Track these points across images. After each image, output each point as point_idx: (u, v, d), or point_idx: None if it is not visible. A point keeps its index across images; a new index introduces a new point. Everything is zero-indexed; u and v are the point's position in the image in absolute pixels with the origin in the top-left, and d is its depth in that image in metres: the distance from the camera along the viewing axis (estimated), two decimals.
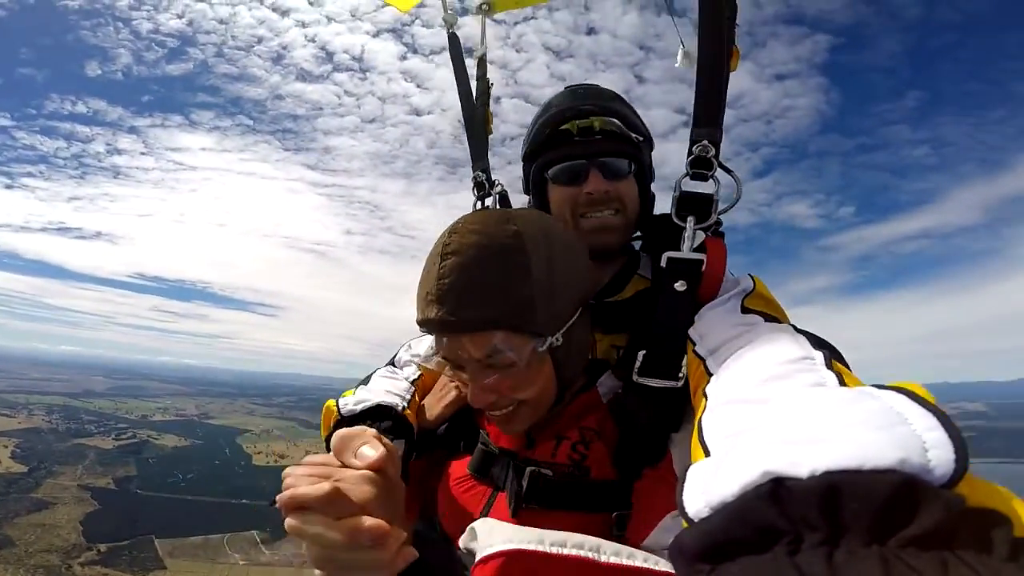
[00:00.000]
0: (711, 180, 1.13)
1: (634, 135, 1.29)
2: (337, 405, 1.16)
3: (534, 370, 0.96)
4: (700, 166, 1.13)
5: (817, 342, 0.72)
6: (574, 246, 1.04)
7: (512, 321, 0.89)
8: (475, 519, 0.98)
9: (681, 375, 0.96)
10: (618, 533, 0.94)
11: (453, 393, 1.24)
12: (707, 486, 0.46)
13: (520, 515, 0.98)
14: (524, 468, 1.01)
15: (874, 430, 0.41)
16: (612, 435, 1.02)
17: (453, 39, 1.86)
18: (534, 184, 1.38)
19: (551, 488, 0.99)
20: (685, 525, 0.48)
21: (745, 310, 0.93)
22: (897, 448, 0.39)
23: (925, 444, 0.39)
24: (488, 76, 1.83)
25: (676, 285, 1.03)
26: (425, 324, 0.95)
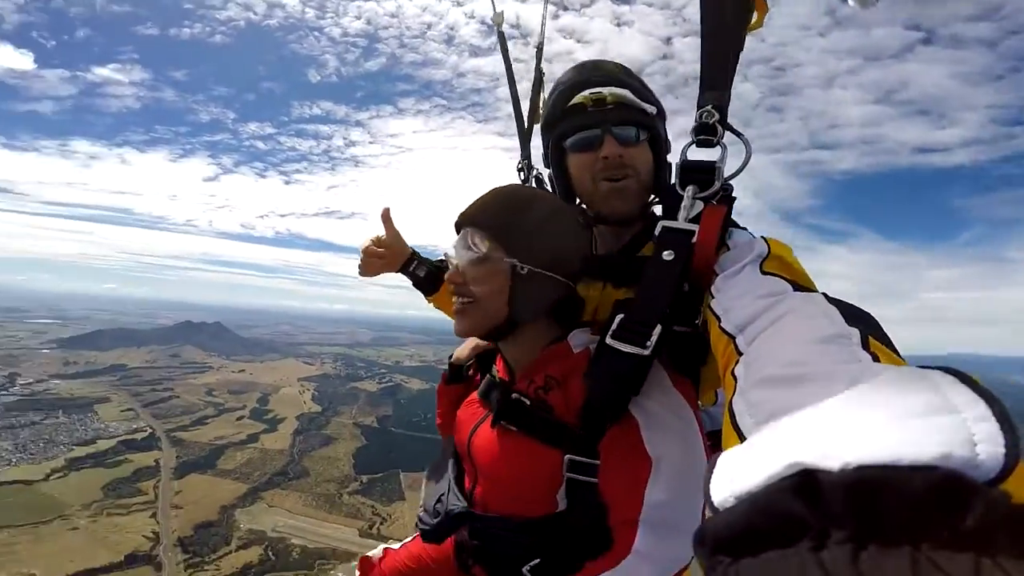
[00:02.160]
0: (718, 146, 1.12)
1: (646, 105, 1.33)
2: None
3: (492, 274, 1.17)
4: (705, 132, 1.12)
5: (851, 315, 0.67)
6: (575, 228, 1.23)
7: (494, 230, 1.17)
8: (468, 432, 1.32)
9: (649, 344, 0.98)
10: (569, 474, 1.11)
11: (475, 341, 1.57)
12: (734, 474, 0.43)
13: (496, 428, 1.21)
14: (509, 392, 1.21)
15: (915, 419, 0.38)
16: (574, 386, 1.13)
17: (502, 37, 2.06)
18: (553, 155, 1.44)
19: (521, 412, 1.17)
20: (710, 513, 0.44)
21: (765, 274, 0.90)
22: (940, 442, 0.35)
23: (973, 437, 0.35)
24: (542, 66, 1.90)
25: (664, 254, 1.04)
26: (455, 225, 1.28)
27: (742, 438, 0.55)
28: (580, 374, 1.10)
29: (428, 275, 1.75)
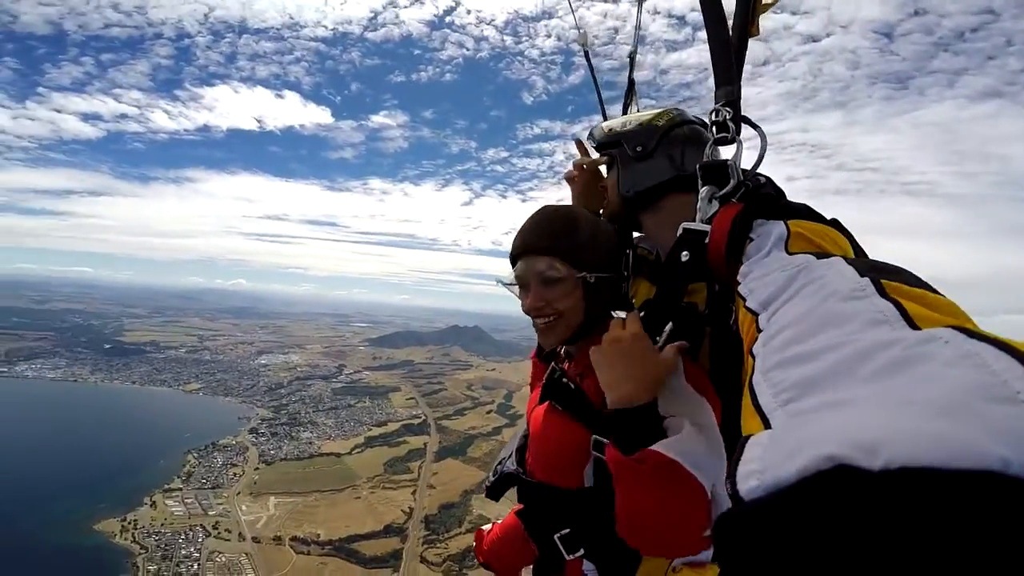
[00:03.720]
0: (734, 143, 1.17)
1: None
2: None
3: (569, 290, 1.35)
4: (720, 131, 1.18)
5: (865, 267, 0.63)
6: (608, 231, 1.45)
7: (560, 252, 1.35)
8: (531, 407, 1.58)
9: (659, 339, 1.10)
10: (595, 453, 1.23)
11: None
12: (764, 464, 0.40)
13: (545, 405, 1.43)
14: (562, 375, 1.42)
15: (971, 412, 0.32)
16: None
17: (587, 56, 2.26)
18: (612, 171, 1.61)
19: (563, 392, 1.38)
20: (733, 501, 0.41)
21: (791, 254, 0.90)
22: (999, 441, 0.29)
23: None
24: (634, 76, 2.00)
25: (682, 255, 1.11)
26: (510, 256, 1.46)
27: (764, 419, 0.51)
28: None
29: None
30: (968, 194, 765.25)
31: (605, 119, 1.89)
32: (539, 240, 1.37)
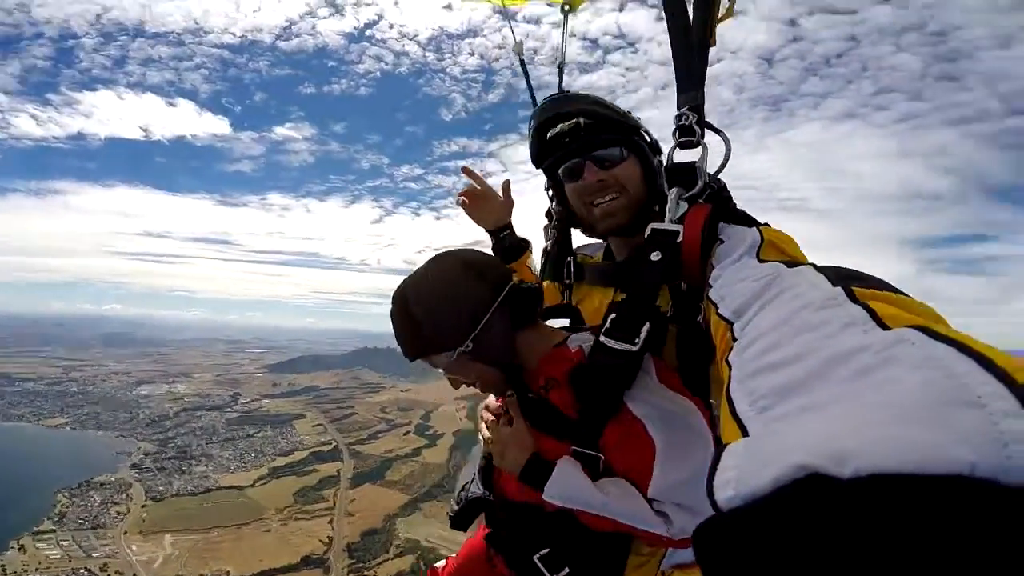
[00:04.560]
0: (700, 147, 1.19)
1: (621, 121, 1.41)
2: None
3: (463, 368, 1.29)
4: (685, 134, 1.19)
5: (837, 275, 0.65)
6: (455, 284, 1.26)
7: (425, 351, 1.27)
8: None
9: (637, 340, 1.05)
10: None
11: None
12: (740, 472, 0.40)
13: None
14: (526, 391, 1.32)
15: (932, 415, 0.33)
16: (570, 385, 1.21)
17: (523, 64, 2.21)
18: (552, 187, 1.59)
19: (530, 407, 1.28)
20: (712, 511, 0.42)
21: (762, 262, 0.91)
22: (964, 445, 0.30)
23: (1003, 437, 0.30)
24: (563, 85, 1.97)
25: (652, 255, 1.09)
26: None
27: (742, 427, 0.52)
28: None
29: (512, 247, 1.83)
30: (834, 208, 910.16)
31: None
32: (406, 348, 1.30)
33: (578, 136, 1.38)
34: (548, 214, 1.75)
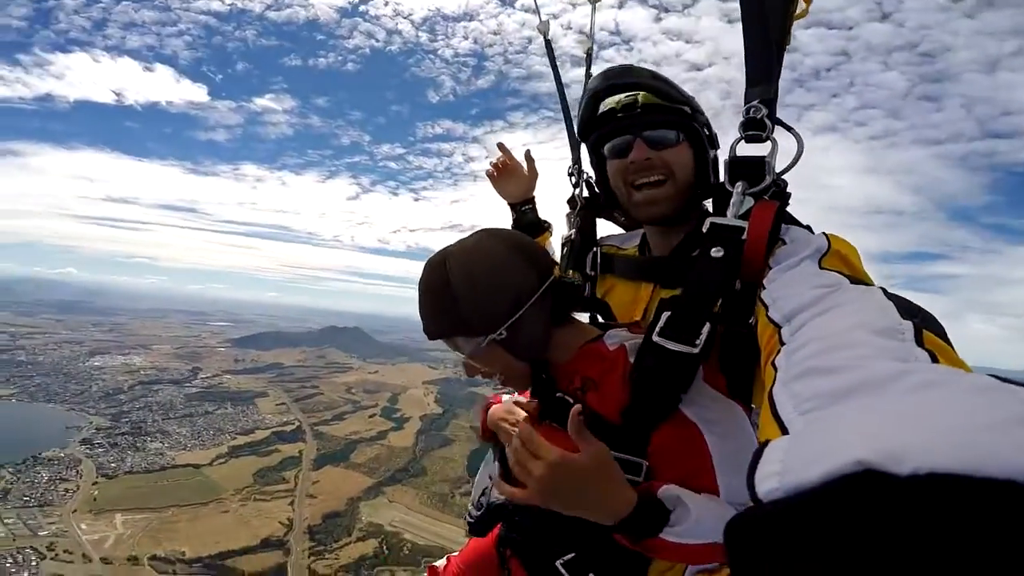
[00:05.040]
0: (768, 141, 1.11)
1: (679, 105, 1.31)
2: None
3: (489, 356, 1.20)
4: (753, 128, 1.11)
5: (907, 310, 0.62)
6: (504, 266, 1.17)
7: (454, 331, 1.19)
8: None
9: (698, 342, 0.96)
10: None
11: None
12: (786, 465, 0.39)
13: (541, 427, 1.15)
14: (554, 392, 1.22)
15: (997, 428, 0.33)
16: (611, 386, 1.11)
17: (548, 45, 2.02)
18: (595, 161, 1.49)
19: (561, 409, 1.13)
20: (751, 503, 0.41)
21: (823, 269, 0.87)
22: (1020, 454, 0.30)
23: None
24: (592, 71, 1.84)
25: (712, 251, 1.02)
26: None
27: (783, 428, 0.51)
28: (617, 374, 1.11)
29: (532, 223, 1.93)
30: (800, 219, 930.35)
31: (565, 111, 1.85)
32: (430, 326, 1.21)
33: (633, 112, 1.29)
34: (571, 201, 1.70)
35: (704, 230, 1.07)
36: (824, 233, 0.99)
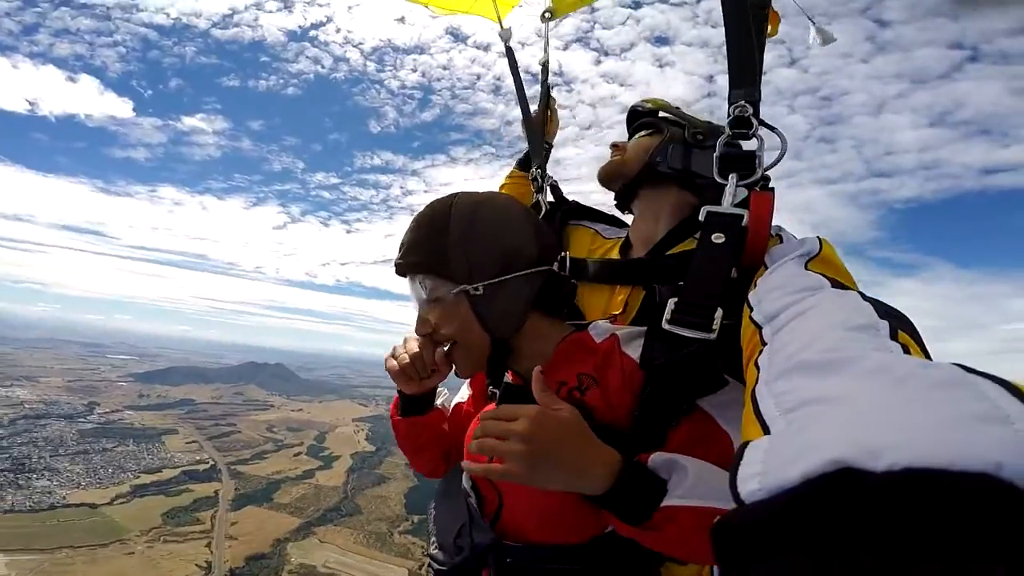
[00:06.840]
0: (754, 138, 1.14)
1: (663, 114, 1.51)
2: None
3: (452, 309, 1.08)
4: (740, 126, 1.14)
5: (884, 311, 0.63)
6: (511, 222, 1.11)
7: (429, 267, 1.08)
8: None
9: (714, 327, 0.92)
10: None
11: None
12: (767, 466, 0.40)
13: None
14: (501, 380, 1.09)
15: (965, 425, 0.34)
16: (614, 381, 1.01)
17: (509, 52, 2.13)
18: None
19: (515, 398, 1.01)
20: (734, 505, 0.40)
21: (807, 271, 0.86)
22: (992, 448, 0.31)
23: None
24: (548, 81, 2.04)
25: (713, 237, 1.01)
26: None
27: (764, 428, 0.51)
28: (616, 368, 1.01)
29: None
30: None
31: (527, 117, 1.96)
32: (407, 253, 1.11)
33: (637, 114, 1.58)
34: (535, 206, 1.77)
35: (701, 219, 1.06)
36: (818, 237, 0.98)
